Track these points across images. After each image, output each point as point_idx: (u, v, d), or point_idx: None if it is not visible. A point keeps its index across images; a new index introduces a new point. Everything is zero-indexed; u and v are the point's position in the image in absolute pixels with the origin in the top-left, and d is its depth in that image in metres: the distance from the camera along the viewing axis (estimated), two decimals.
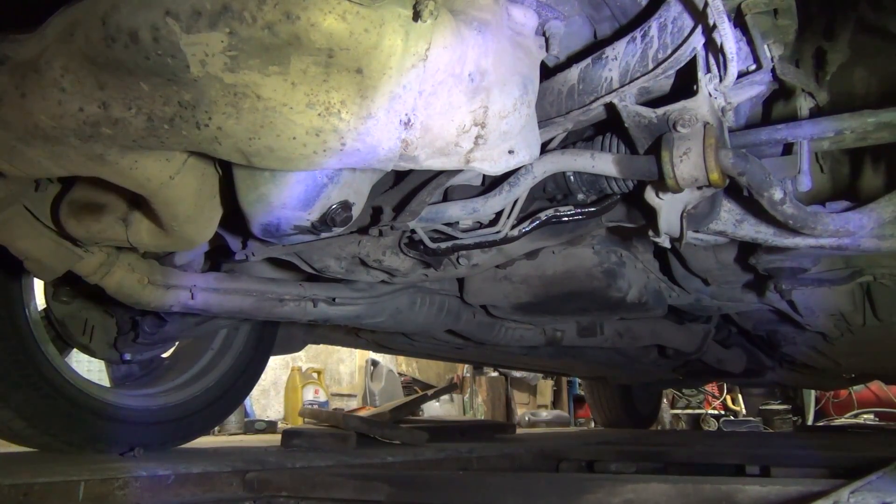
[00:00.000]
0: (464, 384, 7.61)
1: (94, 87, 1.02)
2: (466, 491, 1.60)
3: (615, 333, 2.57)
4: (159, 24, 0.92)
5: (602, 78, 1.32)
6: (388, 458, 2.33)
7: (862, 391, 6.37)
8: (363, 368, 7.34)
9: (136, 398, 2.25)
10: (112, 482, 1.57)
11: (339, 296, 2.00)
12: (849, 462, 2.10)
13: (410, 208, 1.44)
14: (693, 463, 2.52)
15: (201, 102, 1.00)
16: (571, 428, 6.89)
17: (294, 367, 6.47)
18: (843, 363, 3.10)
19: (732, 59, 1.17)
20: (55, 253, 1.61)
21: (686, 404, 7.81)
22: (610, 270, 1.93)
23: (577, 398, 8.11)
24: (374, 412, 4.02)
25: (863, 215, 1.36)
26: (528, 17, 1.21)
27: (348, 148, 1.05)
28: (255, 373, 2.66)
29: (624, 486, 1.43)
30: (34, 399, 1.89)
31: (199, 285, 1.83)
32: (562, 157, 1.43)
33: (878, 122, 1.33)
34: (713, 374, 4.02)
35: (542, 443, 3.22)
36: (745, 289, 2.14)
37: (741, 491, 1.36)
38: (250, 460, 1.92)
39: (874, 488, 1.10)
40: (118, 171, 1.18)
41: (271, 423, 4.55)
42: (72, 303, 2.18)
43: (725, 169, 1.23)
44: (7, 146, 1.13)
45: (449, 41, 1.00)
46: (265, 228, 1.27)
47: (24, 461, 1.80)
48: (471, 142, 1.12)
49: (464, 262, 1.74)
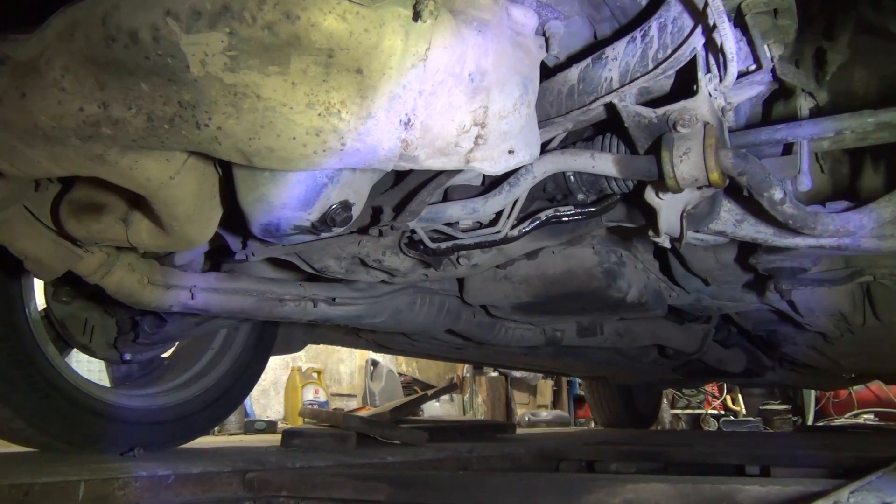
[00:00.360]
0: (464, 384, 7.61)
1: (94, 87, 1.02)
2: (466, 491, 1.60)
3: (615, 333, 2.57)
4: (159, 24, 0.92)
5: (602, 78, 1.32)
6: (388, 458, 2.33)
7: (862, 391, 6.37)
8: (363, 368, 7.34)
9: (136, 398, 2.25)
10: (112, 482, 1.57)
11: (339, 296, 2.00)
12: (849, 462, 2.10)
13: (410, 208, 1.44)
14: (693, 463, 2.52)
15: (201, 102, 1.00)
16: (571, 428, 6.89)
17: (294, 367, 6.47)
18: (843, 363, 3.10)
19: (732, 59, 1.17)
20: (55, 253, 1.60)
21: (686, 404, 7.82)
22: (610, 270, 1.93)
23: (577, 398, 8.12)
24: (374, 412, 4.02)
25: (863, 215, 1.36)
26: (528, 17, 1.21)
27: (348, 148, 1.05)
28: (255, 373, 2.66)
29: (624, 486, 1.43)
30: (34, 399, 1.89)
31: (199, 285, 1.83)
32: (562, 157, 1.43)
33: (878, 122, 1.33)
34: (713, 374, 4.01)
35: (542, 443, 3.22)
36: (745, 289, 2.14)
37: (741, 491, 1.36)
38: (250, 460, 1.92)
39: (874, 488, 1.10)
40: (118, 171, 1.18)
41: (271, 423, 4.55)
42: (72, 303, 2.18)
43: (725, 169, 1.23)
44: (7, 146, 1.13)
45: (449, 41, 1.00)
46: (265, 228, 1.27)
47: (24, 461, 1.80)
48: (471, 142, 1.12)
49: (464, 262, 1.74)
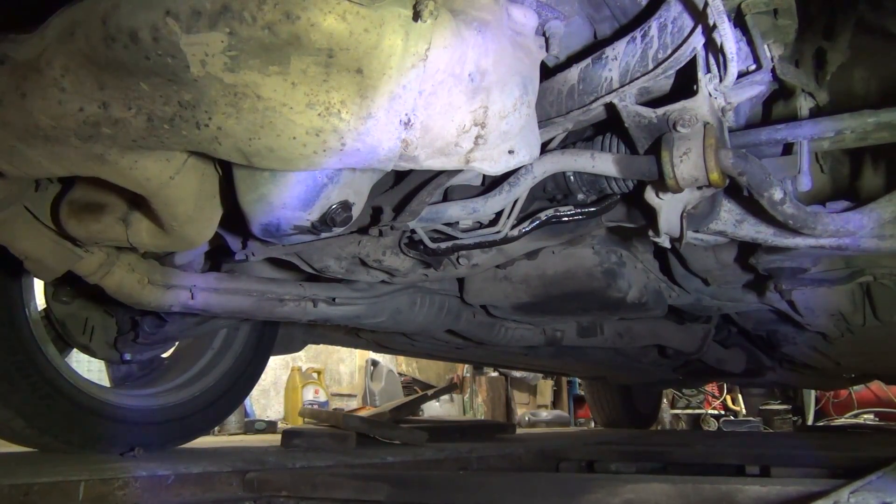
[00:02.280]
0: (464, 384, 7.61)
1: (94, 87, 1.02)
2: (466, 491, 1.60)
3: (615, 333, 2.57)
4: (159, 24, 0.92)
5: (602, 78, 1.32)
6: (388, 458, 2.33)
7: (862, 391, 6.37)
8: (363, 368, 7.34)
9: (136, 398, 2.25)
10: (112, 482, 1.58)
11: (339, 296, 2.00)
12: (849, 462, 2.10)
13: (410, 208, 1.44)
14: (693, 463, 2.52)
15: (201, 102, 1.01)
16: (571, 428, 6.89)
17: (294, 367, 6.48)
18: (844, 363, 3.10)
19: (732, 59, 1.17)
20: (55, 253, 1.60)
21: (686, 404, 7.81)
22: (610, 270, 1.93)
23: (577, 398, 8.12)
24: (374, 412, 4.02)
25: (863, 215, 1.36)
26: (528, 17, 1.21)
27: (348, 148, 1.05)
28: (255, 373, 2.66)
29: (624, 486, 1.43)
30: (34, 399, 1.89)
31: (199, 285, 1.83)
32: (562, 157, 1.43)
33: (878, 122, 1.33)
34: (713, 374, 4.02)
35: (542, 443, 3.22)
36: (745, 289, 2.14)
37: (741, 491, 1.36)
38: (250, 460, 1.92)
39: (874, 488, 1.10)
40: (118, 171, 1.18)
41: (271, 423, 4.55)
42: (72, 303, 2.18)
43: (725, 169, 1.23)
44: (7, 146, 1.13)
45: (449, 41, 1.00)
46: (265, 228, 1.27)
47: (24, 461, 1.80)
48: (471, 142, 1.12)
49: (464, 262, 1.74)
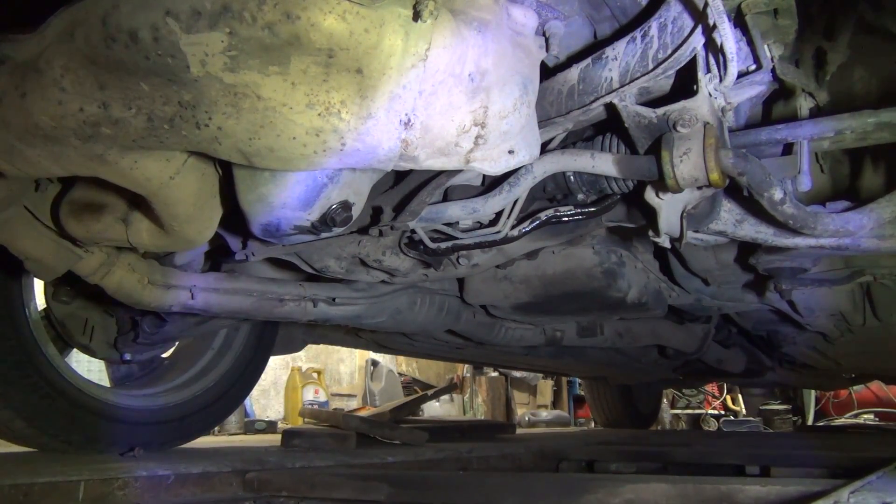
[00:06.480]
0: (464, 384, 7.61)
1: (94, 87, 1.02)
2: (466, 491, 1.60)
3: (615, 333, 2.57)
4: (159, 24, 0.92)
5: (602, 78, 1.32)
6: (388, 458, 2.33)
7: (862, 391, 6.37)
8: (363, 368, 7.34)
9: (136, 398, 2.25)
10: (112, 482, 1.58)
11: (339, 296, 2.00)
12: (849, 462, 2.10)
13: (410, 208, 1.44)
14: (693, 463, 2.52)
15: (201, 102, 1.01)
16: (571, 428, 6.88)
17: (294, 367, 6.48)
18: (843, 363, 3.10)
19: (732, 59, 1.17)
20: (55, 253, 1.60)
21: (686, 404, 7.81)
22: (610, 270, 1.93)
23: (577, 398, 8.11)
24: (374, 412, 4.03)
25: (863, 215, 1.36)
26: (528, 17, 1.21)
27: (348, 148, 1.05)
28: (255, 373, 2.66)
29: (624, 486, 1.43)
30: (34, 399, 1.89)
31: (199, 285, 1.83)
32: (562, 157, 1.43)
33: (878, 122, 1.33)
34: (713, 374, 4.02)
35: (542, 443, 3.22)
36: (745, 289, 2.14)
37: (741, 491, 1.36)
38: (250, 460, 1.92)
39: (874, 488, 1.10)
40: (118, 171, 1.18)
41: (271, 423, 4.55)
42: (72, 303, 2.18)
43: (725, 169, 1.23)
44: (7, 146, 1.13)
45: (449, 41, 1.00)
46: (265, 228, 1.27)
47: (24, 461, 1.80)
48: (471, 142, 1.12)
49: (464, 262, 1.74)
